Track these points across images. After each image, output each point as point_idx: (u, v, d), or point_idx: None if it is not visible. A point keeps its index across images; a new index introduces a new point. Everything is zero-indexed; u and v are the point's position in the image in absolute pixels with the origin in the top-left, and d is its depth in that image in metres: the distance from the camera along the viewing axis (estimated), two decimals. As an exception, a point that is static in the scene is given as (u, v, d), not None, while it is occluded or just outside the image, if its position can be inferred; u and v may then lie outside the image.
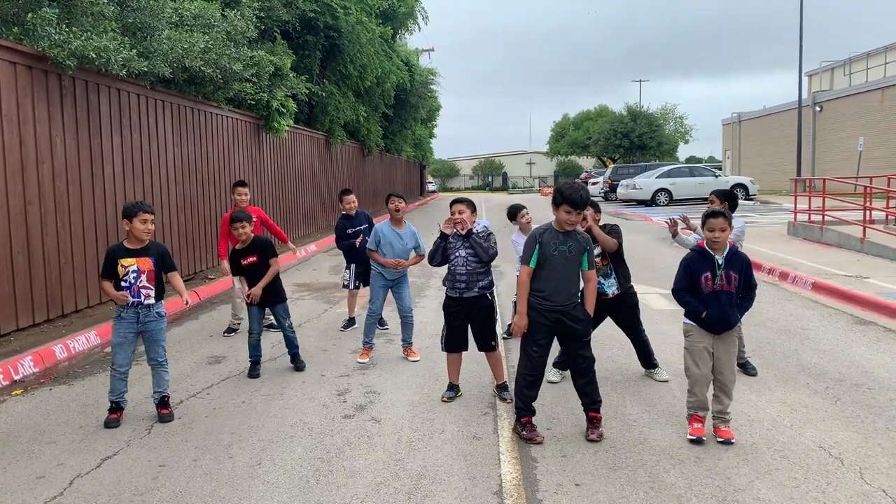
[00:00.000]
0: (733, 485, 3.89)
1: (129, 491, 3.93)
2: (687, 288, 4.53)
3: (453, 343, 5.40)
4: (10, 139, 7.19)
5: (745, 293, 4.53)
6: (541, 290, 4.55)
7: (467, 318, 5.35)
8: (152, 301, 4.94)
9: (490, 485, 3.94)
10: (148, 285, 4.91)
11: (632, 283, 5.83)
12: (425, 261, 5.78)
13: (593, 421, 4.59)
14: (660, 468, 4.11)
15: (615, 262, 5.68)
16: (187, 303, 5.18)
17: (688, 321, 4.57)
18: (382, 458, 4.32)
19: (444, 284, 5.45)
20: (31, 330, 7.44)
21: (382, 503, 3.74)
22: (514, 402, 4.76)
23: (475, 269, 5.26)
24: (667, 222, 5.96)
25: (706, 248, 4.48)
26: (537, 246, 4.53)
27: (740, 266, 4.46)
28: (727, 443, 4.37)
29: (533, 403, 4.65)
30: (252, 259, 6.16)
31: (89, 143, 8.61)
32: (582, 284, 4.66)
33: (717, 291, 4.42)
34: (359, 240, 7.58)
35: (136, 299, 4.88)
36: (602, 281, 5.55)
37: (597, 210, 5.65)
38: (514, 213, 7.02)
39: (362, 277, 7.67)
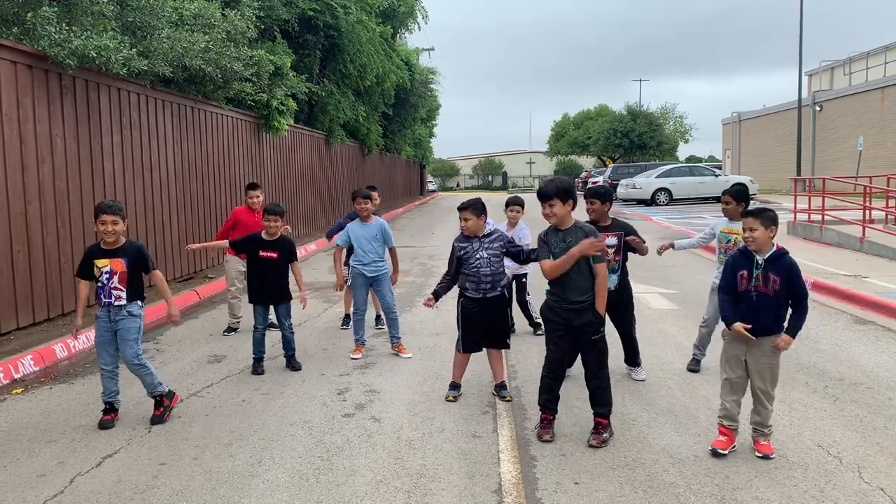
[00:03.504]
0: (732, 484, 3.90)
1: (130, 489, 3.94)
2: (726, 287, 4.38)
3: (471, 344, 5.37)
4: (10, 138, 7.20)
5: (793, 304, 4.23)
6: (554, 290, 4.54)
7: (486, 318, 5.30)
8: (123, 302, 4.86)
9: (489, 483, 3.95)
10: (119, 286, 4.84)
11: (629, 280, 5.81)
12: (426, 260, 5.80)
13: (596, 426, 4.51)
14: (659, 467, 4.12)
15: (624, 258, 5.65)
16: (172, 316, 5.06)
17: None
18: (382, 456, 4.33)
19: (460, 287, 5.38)
20: (31, 329, 7.45)
21: (382, 501, 3.75)
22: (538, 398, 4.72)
23: (498, 269, 5.26)
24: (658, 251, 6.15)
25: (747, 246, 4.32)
26: (545, 245, 4.51)
27: (784, 270, 4.19)
28: (766, 458, 4.18)
29: (556, 404, 4.64)
30: (272, 254, 6.18)
31: (89, 142, 8.61)
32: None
33: (750, 291, 4.23)
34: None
35: (107, 300, 4.86)
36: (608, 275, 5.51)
37: (604, 200, 5.48)
38: (507, 204, 7.07)
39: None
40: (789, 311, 4.27)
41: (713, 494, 3.77)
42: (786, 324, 4.25)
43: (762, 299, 4.22)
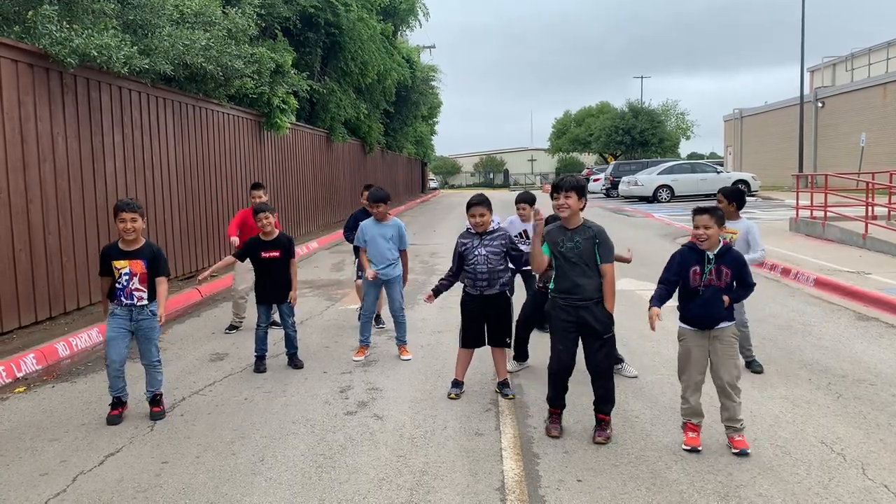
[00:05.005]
0: (735, 481, 3.89)
1: (132, 488, 3.94)
2: (666, 279, 4.50)
3: (471, 339, 5.38)
4: (11, 137, 7.20)
5: (741, 288, 4.42)
6: (559, 288, 4.52)
7: (484, 316, 5.31)
8: (145, 302, 4.92)
9: (492, 481, 3.95)
10: (141, 287, 4.89)
11: None
12: (427, 258, 5.79)
13: (601, 423, 4.51)
14: (662, 464, 4.11)
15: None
16: (160, 317, 4.96)
17: (682, 325, 4.48)
18: (385, 454, 4.32)
19: (462, 282, 5.42)
20: (33, 327, 7.45)
21: (385, 499, 3.75)
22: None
23: (496, 267, 5.24)
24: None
25: (696, 243, 4.40)
26: (545, 243, 4.54)
27: (733, 262, 4.35)
28: (743, 454, 4.18)
29: (564, 397, 4.62)
30: (275, 254, 6.19)
31: (91, 141, 8.61)
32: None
33: (701, 287, 4.33)
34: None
35: (129, 301, 4.87)
36: None
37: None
38: (518, 200, 6.73)
39: (361, 270, 7.72)
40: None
41: (716, 492, 3.76)
42: None
43: (715, 293, 4.32)
